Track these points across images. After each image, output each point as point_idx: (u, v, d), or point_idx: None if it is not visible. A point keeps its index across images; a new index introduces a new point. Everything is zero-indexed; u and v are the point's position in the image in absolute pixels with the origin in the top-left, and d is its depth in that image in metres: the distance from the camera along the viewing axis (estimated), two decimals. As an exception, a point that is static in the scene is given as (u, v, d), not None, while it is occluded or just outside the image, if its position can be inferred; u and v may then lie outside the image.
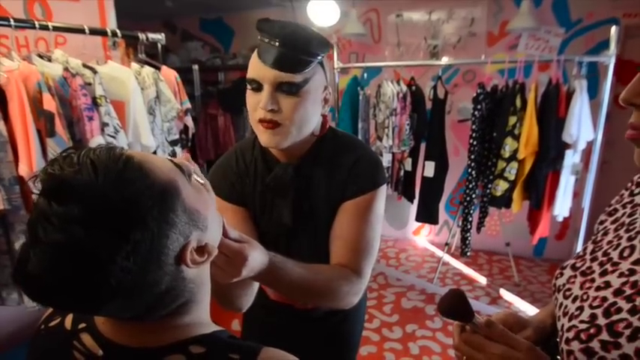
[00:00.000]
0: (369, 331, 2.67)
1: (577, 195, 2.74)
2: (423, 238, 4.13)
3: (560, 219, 2.64)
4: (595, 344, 0.56)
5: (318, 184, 0.98)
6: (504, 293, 3.10)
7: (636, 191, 0.71)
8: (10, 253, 1.65)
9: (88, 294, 0.44)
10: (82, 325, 0.56)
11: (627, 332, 0.53)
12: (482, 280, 3.33)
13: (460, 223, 2.95)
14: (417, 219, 3.17)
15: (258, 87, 0.87)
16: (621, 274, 0.60)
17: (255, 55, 0.88)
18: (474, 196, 2.83)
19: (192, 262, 0.50)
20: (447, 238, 3.49)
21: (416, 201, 3.15)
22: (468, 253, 2.98)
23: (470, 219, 2.89)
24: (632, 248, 0.61)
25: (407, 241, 4.14)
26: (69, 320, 0.57)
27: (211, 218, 0.56)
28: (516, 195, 2.66)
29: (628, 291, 0.57)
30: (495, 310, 2.86)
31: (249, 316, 1.28)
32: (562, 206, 2.57)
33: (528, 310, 2.86)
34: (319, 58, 0.88)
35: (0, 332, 2.02)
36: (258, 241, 0.88)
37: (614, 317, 0.56)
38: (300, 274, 0.83)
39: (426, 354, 2.47)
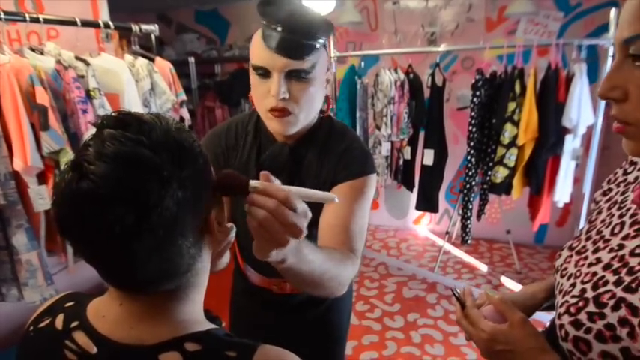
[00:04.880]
0: (371, 321, 2.68)
1: (577, 181, 2.72)
2: (423, 227, 4.12)
3: (560, 205, 2.63)
4: (582, 316, 0.57)
5: (309, 167, 0.99)
6: (505, 280, 3.10)
7: (629, 170, 0.71)
8: (8, 249, 1.65)
9: (140, 212, 0.44)
10: (74, 324, 0.54)
11: (611, 302, 0.55)
12: (484, 267, 3.33)
13: (460, 212, 2.94)
14: (417, 208, 3.16)
15: (265, 73, 0.87)
16: (611, 250, 0.61)
17: (259, 39, 0.86)
18: (473, 183, 2.82)
19: (217, 230, 0.55)
20: (447, 226, 3.48)
21: (416, 190, 3.14)
22: (469, 241, 2.97)
23: (470, 207, 2.88)
24: (622, 224, 0.63)
25: (407, 230, 4.14)
26: (60, 320, 0.56)
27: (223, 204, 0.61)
28: (516, 182, 2.64)
29: (615, 264, 0.58)
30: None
31: (234, 311, 1.29)
32: (562, 192, 2.56)
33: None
34: (324, 42, 0.88)
35: (0, 329, 2.02)
36: (237, 216, 0.99)
37: (601, 289, 0.57)
38: (319, 253, 0.75)
39: (428, 342, 2.47)
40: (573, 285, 0.63)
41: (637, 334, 0.51)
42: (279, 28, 0.82)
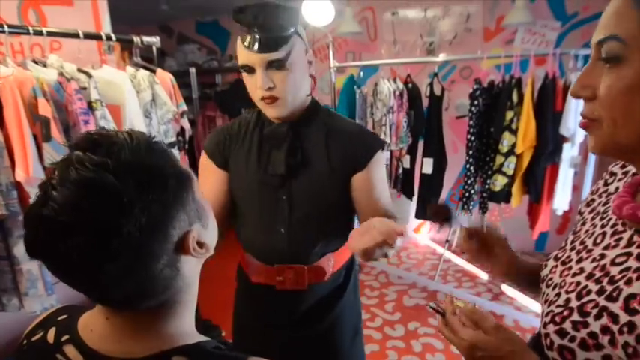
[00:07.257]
0: (371, 330, 2.67)
1: (576, 188, 2.73)
2: (423, 235, 4.12)
3: (559, 213, 2.64)
4: (567, 325, 0.58)
5: (315, 145, 1.10)
6: (506, 289, 3.09)
7: (609, 180, 0.74)
8: (9, 259, 1.66)
9: (98, 240, 0.44)
10: (65, 337, 0.55)
11: (594, 311, 0.56)
12: (484, 276, 3.32)
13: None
14: (417, 216, 3.17)
15: (250, 70, 1.01)
16: (593, 260, 0.63)
17: (239, 42, 1.01)
18: (473, 192, 2.83)
19: (193, 250, 0.53)
20: (447, 234, 3.48)
21: (415, 198, 3.14)
22: (469, 250, 2.97)
23: (470, 215, 2.89)
24: (604, 234, 0.64)
25: (407, 239, 4.13)
26: (52, 333, 0.57)
27: (211, 221, 0.59)
28: (515, 190, 2.65)
29: (597, 274, 0.60)
30: (497, 306, 2.85)
31: (237, 323, 1.31)
32: (561, 200, 2.57)
33: (530, 305, 2.85)
34: (294, 30, 1.00)
35: (0, 339, 2.02)
36: (243, 195, 1.14)
37: (585, 299, 0.58)
38: None
39: (429, 351, 2.46)
40: (558, 295, 0.64)
41: (617, 341, 0.52)
42: (253, 30, 0.97)
